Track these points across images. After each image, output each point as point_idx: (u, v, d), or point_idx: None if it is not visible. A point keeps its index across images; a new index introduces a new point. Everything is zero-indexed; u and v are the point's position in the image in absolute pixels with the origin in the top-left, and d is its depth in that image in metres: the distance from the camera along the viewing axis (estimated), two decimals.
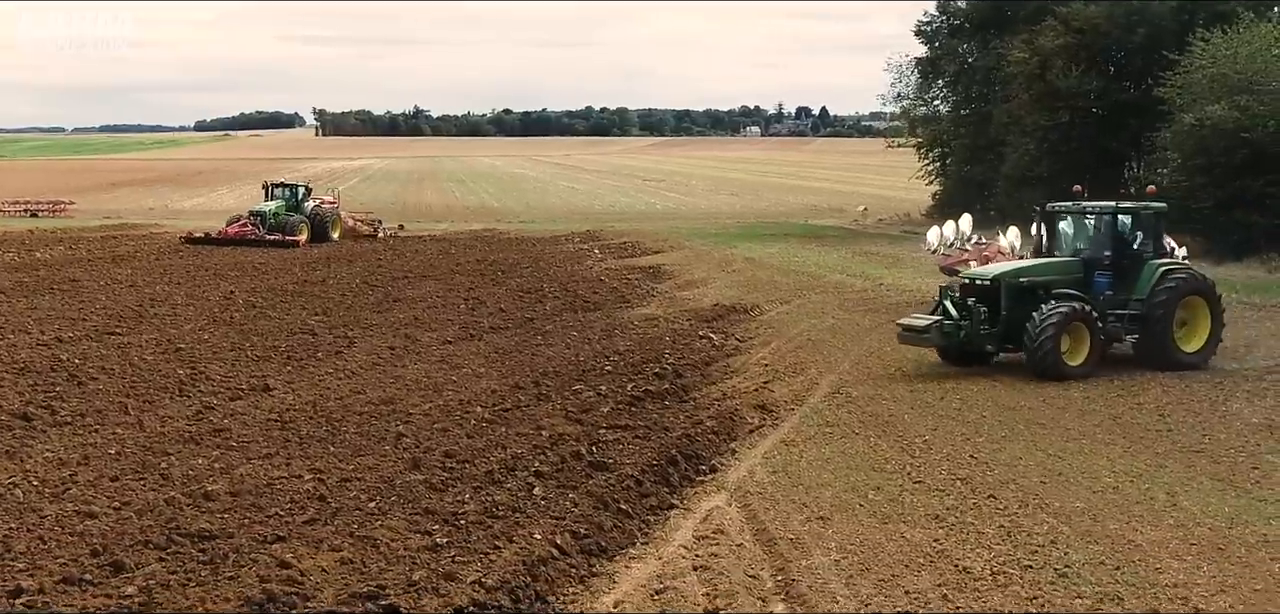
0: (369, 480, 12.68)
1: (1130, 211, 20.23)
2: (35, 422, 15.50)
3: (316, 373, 19.25)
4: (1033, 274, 19.42)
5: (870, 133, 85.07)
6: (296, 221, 44.56)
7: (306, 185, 48.79)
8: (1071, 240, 20.42)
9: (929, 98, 56.35)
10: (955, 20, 53.84)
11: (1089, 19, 44.77)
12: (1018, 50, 46.12)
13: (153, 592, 9.43)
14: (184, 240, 43.81)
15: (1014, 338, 18.72)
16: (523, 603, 9.58)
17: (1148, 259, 19.63)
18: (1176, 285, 19.24)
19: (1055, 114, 44.52)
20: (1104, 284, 19.44)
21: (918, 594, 9.59)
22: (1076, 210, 20.52)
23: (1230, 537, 10.92)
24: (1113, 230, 19.87)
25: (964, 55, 53.21)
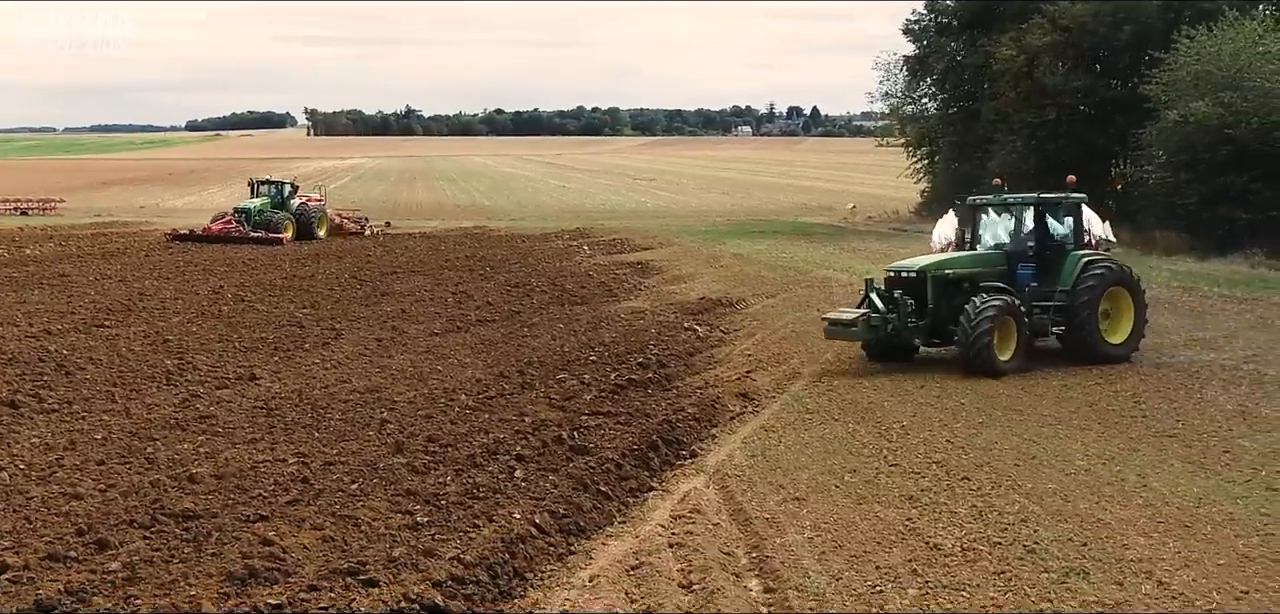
0: (352, 464, 12.84)
1: (1052, 202, 19.95)
2: (22, 409, 15.67)
3: (303, 363, 19.40)
4: (958, 266, 19.13)
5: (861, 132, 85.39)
6: (281, 219, 44.53)
7: (292, 183, 48.64)
8: (994, 232, 20.09)
9: (917, 96, 56.50)
10: (943, 18, 54.01)
11: (1076, 17, 45.00)
12: (1005, 48, 46.31)
13: (137, 567, 9.59)
14: (169, 238, 43.79)
15: (940, 332, 18.55)
16: (501, 579, 9.77)
17: (1070, 250, 19.41)
18: (1100, 276, 18.99)
19: (1042, 111, 44.74)
20: (1028, 276, 19.21)
21: (888, 569, 9.78)
22: (998, 202, 20.35)
23: (1197, 515, 11.13)
24: (1036, 222, 19.61)
25: (952, 53, 53.36)
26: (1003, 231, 20.07)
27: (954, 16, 53.57)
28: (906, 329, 18.36)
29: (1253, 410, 15.57)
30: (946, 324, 18.37)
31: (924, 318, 18.46)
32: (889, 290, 18.67)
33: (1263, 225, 35.08)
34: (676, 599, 9.20)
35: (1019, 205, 20.23)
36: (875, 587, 9.42)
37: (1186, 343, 20.82)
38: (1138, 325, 19.34)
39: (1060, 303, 18.81)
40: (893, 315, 18.24)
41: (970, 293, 18.41)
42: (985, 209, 20.36)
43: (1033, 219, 19.69)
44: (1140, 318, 19.41)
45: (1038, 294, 18.88)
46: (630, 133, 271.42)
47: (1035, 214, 19.69)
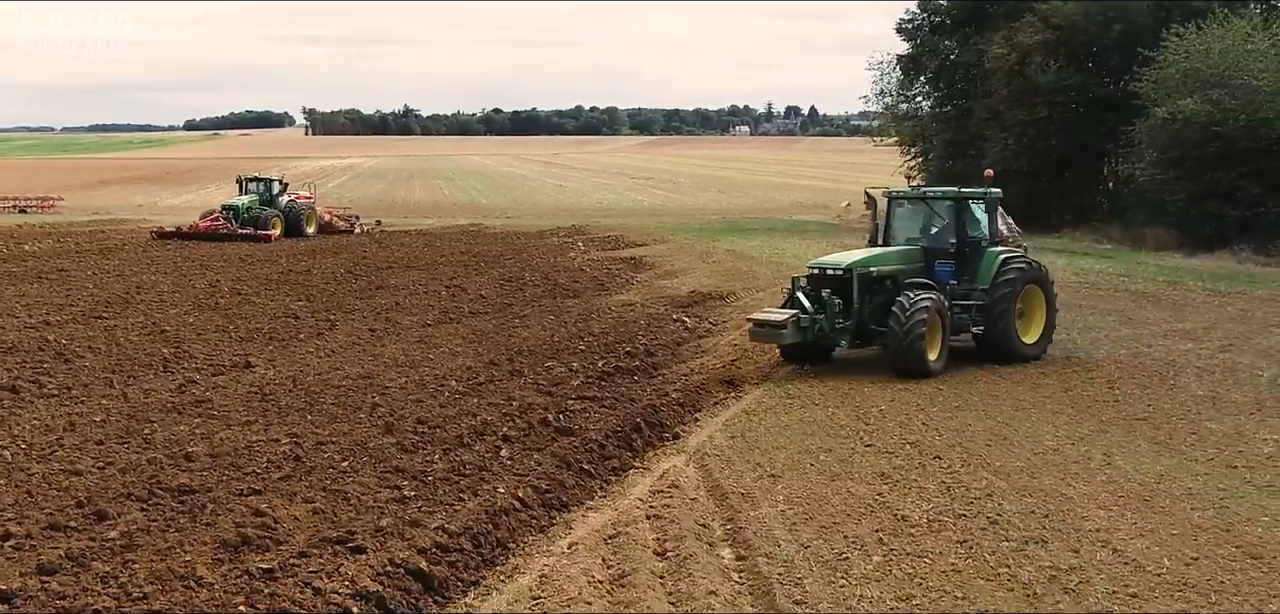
0: (343, 444, 13.28)
1: (970, 197, 19.48)
2: (23, 394, 16.09)
3: (298, 352, 19.82)
4: (881, 264, 18.48)
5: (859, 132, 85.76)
6: (269, 216, 44.60)
7: (281, 180, 48.62)
8: (908, 228, 19.54)
9: (911, 95, 56.92)
10: (936, 17, 54.43)
11: (1067, 16, 45.45)
12: (997, 46, 46.77)
13: (134, 536, 10.04)
14: (155, 235, 43.91)
15: (862, 332, 17.99)
16: (484, 548, 10.22)
17: (986, 247, 18.92)
18: (1018, 274, 18.58)
19: (1034, 109, 45.16)
20: (947, 273, 18.62)
21: (855, 539, 10.23)
22: (916, 196, 19.96)
23: (1157, 490, 11.59)
24: (955, 218, 19.04)
25: (945, 52, 53.80)
26: (916, 227, 19.53)
27: (947, 15, 53.97)
28: (834, 330, 17.67)
29: (1223, 396, 16.03)
30: (869, 324, 17.88)
31: (850, 317, 17.85)
32: (815, 289, 17.96)
33: (1250, 221, 35.56)
34: (650, 565, 9.64)
35: (937, 200, 19.76)
36: (841, 554, 9.86)
37: (1166, 335, 21.25)
38: (1049, 323, 18.99)
39: (979, 301, 18.32)
40: (821, 316, 17.57)
41: (893, 291, 17.94)
42: (900, 202, 19.90)
43: (952, 214, 19.13)
44: (1051, 316, 19.06)
45: (956, 292, 18.36)
46: (628, 132, 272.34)
47: (955, 209, 19.17)
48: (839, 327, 17.70)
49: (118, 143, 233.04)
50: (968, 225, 19.08)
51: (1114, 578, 9.22)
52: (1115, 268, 32.49)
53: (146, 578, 9.03)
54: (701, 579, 9.24)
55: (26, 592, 8.73)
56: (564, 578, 9.39)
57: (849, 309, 17.79)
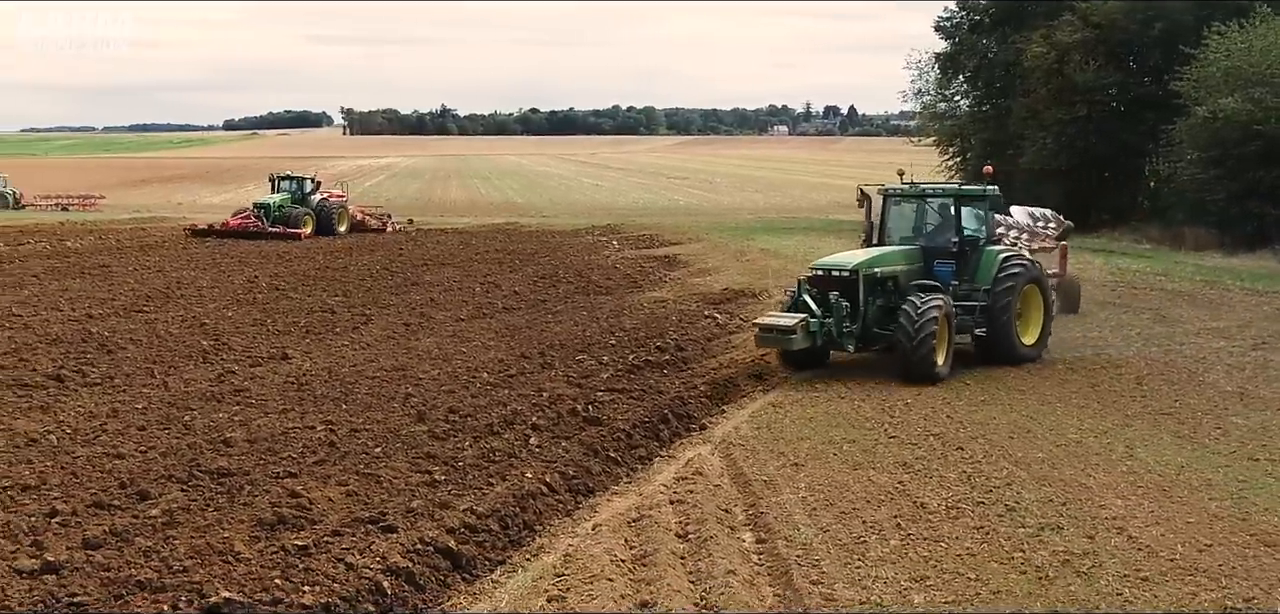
0: (376, 431, 13.70)
1: (970, 195, 19.15)
2: (68, 383, 16.65)
3: (334, 345, 20.30)
4: (885, 264, 17.93)
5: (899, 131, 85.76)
6: (300, 214, 45.11)
7: (314, 178, 49.12)
8: (903, 226, 19.07)
9: (949, 94, 56.89)
10: (975, 16, 54.40)
11: (1107, 14, 45.37)
12: (1036, 45, 46.71)
13: (174, 514, 10.49)
14: (188, 232, 44.67)
15: (867, 335, 17.45)
16: (511, 529, 10.60)
17: (985, 246, 18.55)
18: (1019, 274, 18.17)
19: (1073, 108, 45.13)
20: (946, 273, 18.16)
21: (874, 524, 10.52)
22: (915, 194, 19.21)
23: (1176, 481, 11.79)
24: (955, 216, 18.59)
25: (983, 51, 53.76)
26: (912, 225, 19.08)
27: (986, 13, 53.93)
28: (842, 334, 17.17)
29: (1252, 392, 16.16)
30: (872, 327, 17.41)
31: (856, 320, 17.32)
32: (820, 291, 17.47)
33: None
34: (672, 546, 9.97)
35: (935, 198, 19.32)
36: (859, 538, 10.15)
37: (1199, 332, 21.35)
38: (1046, 324, 18.67)
39: (980, 302, 17.89)
40: (829, 319, 17.12)
41: (895, 293, 17.59)
42: (896, 200, 19.27)
43: (952, 212, 18.71)
44: (1048, 317, 18.74)
45: (957, 293, 17.88)
46: (665, 132, 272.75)
47: (954, 207, 18.74)
48: (847, 330, 17.21)
49: (158, 142, 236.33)
50: (964, 223, 18.61)
51: (1126, 562, 9.45)
52: (1153, 267, 32.47)
53: (186, 553, 9.46)
54: (721, 559, 9.57)
55: (73, 564, 9.19)
56: (587, 557, 9.75)
57: (855, 312, 17.28)
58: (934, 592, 8.91)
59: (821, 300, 17.36)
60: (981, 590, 8.91)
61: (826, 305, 17.24)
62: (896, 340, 16.87)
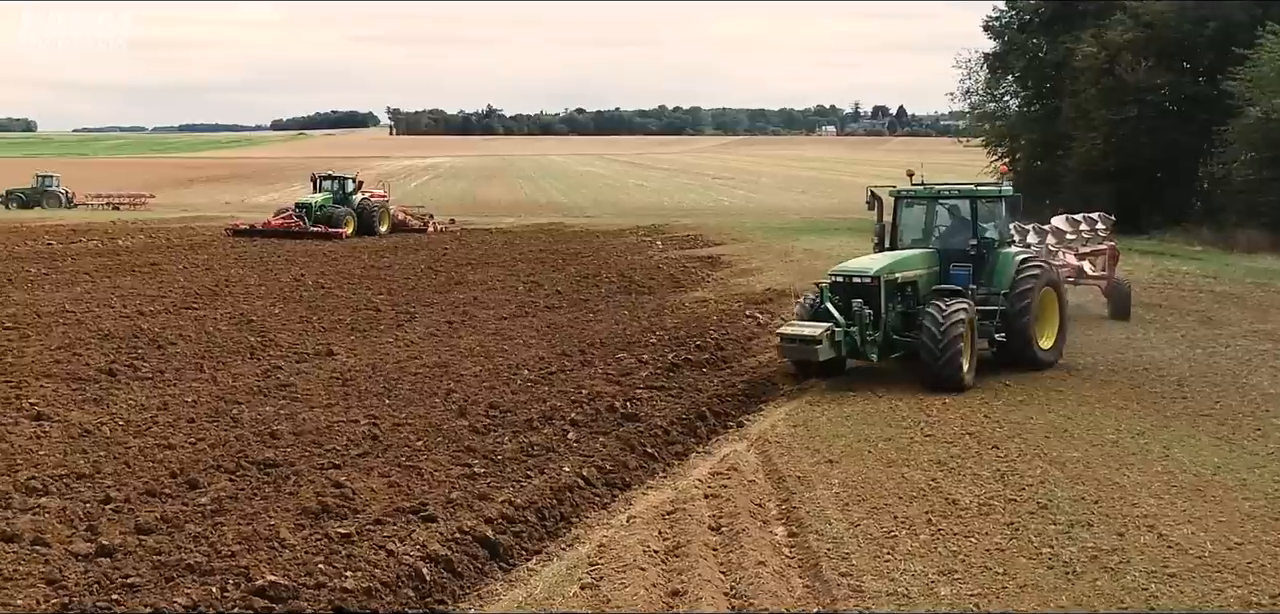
0: (418, 425, 14.08)
1: (986, 196, 18.68)
2: (119, 377, 17.21)
3: (378, 342, 20.76)
4: (905, 269, 17.52)
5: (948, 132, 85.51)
6: (341, 213, 45.70)
7: (355, 178, 49.76)
8: (917, 229, 18.74)
9: (998, 94, 56.67)
10: (1025, 15, 54.16)
11: (1159, 13, 45.11)
12: (1086, 44, 46.47)
13: (223, 502, 10.93)
14: (229, 232, 45.33)
15: (887, 343, 17.09)
16: (548, 520, 10.94)
17: (1000, 248, 18.16)
18: (1037, 276, 17.81)
19: (1123, 108, 44.85)
20: (963, 277, 17.76)
21: (905, 519, 10.73)
22: (928, 195, 18.81)
23: (1211, 481, 11.89)
24: (971, 217, 18.30)
25: (1033, 50, 53.51)
26: (921, 228, 18.73)
27: (1036, 13, 53.68)
28: (866, 343, 16.78)
29: None
30: (891, 335, 17.09)
31: (878, 328, 16.95)
32: (843, 299, 16.98)
33: None
34: (704, 538, 10.25)
35: (951, 199, 18.86)
36: (890, 532, 10.37)
37: (1245, 335, 21.30)
38: (1063, 327, 18.42)
39: (998, 306, 17.50)
40: (853, 328, 16.69)
41: (913, 299, 17.25)
42: (909, 202, 18.87)
43: (968, 214, 18.38)
44: (1064, 320, 18.50)
45: (975, 297, 17.44)
46: (712, 132, 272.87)
47: (970, 208, 18.39)
48: (870, 338, 16.81)
49: (206, 142, 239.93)
50: (980, 226, 18.25)
51: (1154, 559, 9.60)
52: (1202, 269, 32.25)
53: (234, 538, 9.87)
54: (752, 551, 9.83)
55: (126, 548, 9.62)
56: (621, 547, 10.05)
57: (877, 319, 16.89)
58: (960, 585, 9.11)
59: (845, 308, 16.86)
60: (1008, 584, 9.11)
61: (849, 313, 16.79)
62: (921, 348, 16.44)
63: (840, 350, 16.67)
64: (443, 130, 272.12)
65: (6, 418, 14.35)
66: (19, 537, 9.85)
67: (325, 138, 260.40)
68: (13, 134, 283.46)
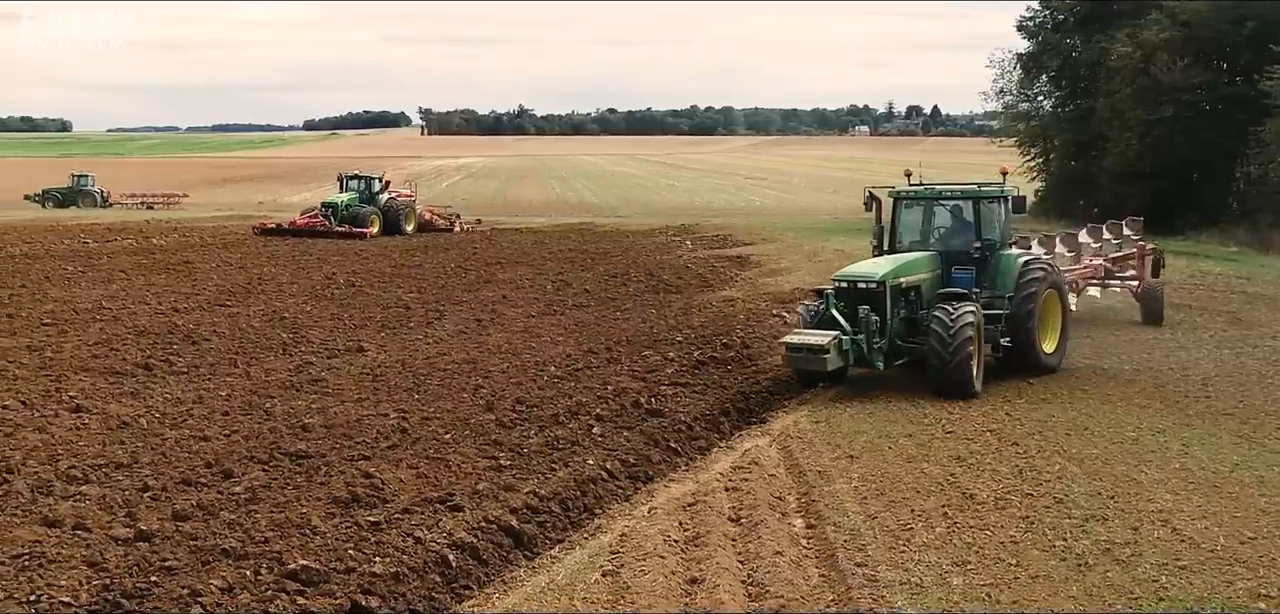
0: (446, 419, 14.45)
1: (988, 196, 18.14)
2: (155, 371, 17.70)
3: (408, 339, 21.17)
4: (910, 273, 17.15)
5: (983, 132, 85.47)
6: (367, 213, 46.11)
7: (381, 177, 50.12)
8: (915, 231, 18.37)
9: (1032, 94, 56.61)
10: (1059, 14, 54.08)
11: (1196, 12, 44.90)
12: (1121, 44, 46.38)
13: (256, 491, 11.32)
14: (256, 231, 45.89)
15: (893, 350, 16.72)
16: (571, 511, 11.28)
17: (1002, 250, 17.89)
18: (1041, 278, 17.53)
19: (1158, 108, 44.72)
20: (965, 281, 17.40)
21: (922, 512, 10.99)
22: (928, 196, 18.48)
23: (1228, 478, 12.07)
24: (974, 218, 17.92)
25: (1067, 50, 53.42)
26: (926, 229, 18.39)
27: (1070, 12, 53.60)
28: (873, 351, 16.39)
29: None
30: (895, 341, 16.73)
31: (884, 335, 16.55)
32: (850, 305, 16.58)
33: None
34: (723, 529, 10.55)
35: (952, 199, 18.52)
36: (906, 525, 10.64)
37: (1275, 335, 21.36)
38: (1065, 331, 18.14)
39: (1002, 310, 17.18)
40: (860, 335, 16.34)
41: (916, 303, 16.95)
42: (908, 202, 18.50)
43: (970, 215, 18.04)
44: (1066, 322, 18.24)
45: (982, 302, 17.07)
46: (744, 132, 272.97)
47: (973, 209, 18.01)
48: (877, 346, 16.43)
49: (239, 142, 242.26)
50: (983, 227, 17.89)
51: (1166, 552, 9.82)
52: (1236, 270, 32.21)
53: (267, 525, 10.26)
54: (769, 542, 10.12)
55: (163, 533, 10.03)
56: (642, 537, 10.37)
57: (883, 325, 16.48)
58: (973, 575, 9.37)
59: (850, 314, 16.46)
60: (1020, 575, 9.35)
61: (854, 320, 16.39)
62: (929, 354, 16.07)
63: (847, 359, 16.35)
64: (474, 130, 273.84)
65: (47, 410, 14.85)
66: (61, 522, 10.28)
67: (357, 137, 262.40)
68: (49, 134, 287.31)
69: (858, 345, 16.31)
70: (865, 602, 8.82)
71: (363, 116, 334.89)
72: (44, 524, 10.24)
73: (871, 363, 16.54)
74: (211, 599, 8.58)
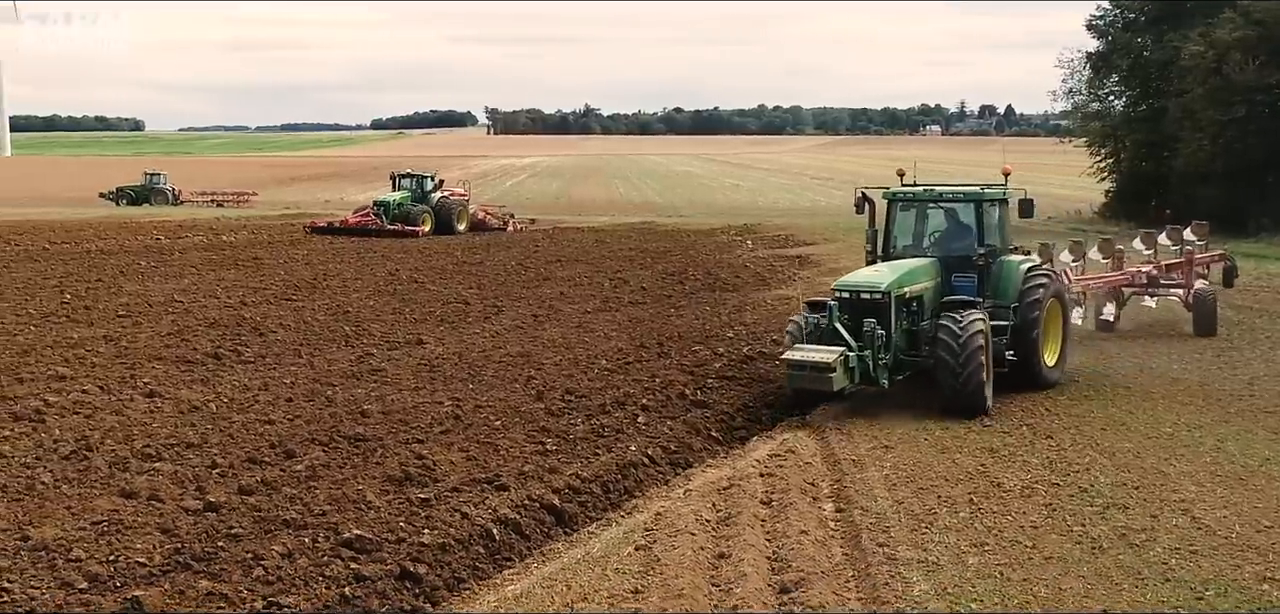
0: (498, 408, 15.25)
1: (991, 199, 17.16)
2: (225, 360, 18.74)
3: (465, 333, 22.04)
4: (913, 282, 16.16)
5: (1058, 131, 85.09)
6: (418, 212, 46.97)
7: (433, 177, 50.80)
8: (911, 235, 17.46)
9: (1102, 93, 56.33)
10: (1130, 14, 53.80)
11: (1270, 11, 44.50)
12: (1193, 43, 46.11)
13: (316, 470, 12.21)
14: (307, 229, 46.81)
15: (896, 364, 15.77)
16: (612, 493, 12.04)
17: (1003, 257, 17.03)
18: (1045, 286, 16.67)
19: (1231, 108, 44.43)
20: (967, 288, 16.48)
21: (948, 499, 11.56)
22: (926, 197, 17.46)
23: (1257, 471, 12.48)
24: (977, 222, 16.91)
25: (1138, 49, 53.13)
26: (922, 233, 17.49)
27: (1141, 11, 53.30)
28: (878, 366, 15.34)
29: None
30: (897, 354, 15.79)
31: (889, 349, 15.57)
32: (853, 318, 15.51)
33: None
34: (754, 510, 11.21)
35: (953, 201, 17.52)
36: (931, 510, 11.22)
37: None
38: (1066, 341, 17.42)
39: (1006, 320, 16.28)
40: (866, 351, 15.26)
41: (919, 314, 16.01)
42: (906, 205, 17.54)
43: (971, 218, 17.10)
44: (1067, 333, 17.52)
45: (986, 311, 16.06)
46: (812, 132, 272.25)
47: (976, 212, 17.01)
48: (882, 362, 15.40)
49: (307, 141, 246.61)
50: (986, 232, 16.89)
51: (1181, 538, 10.30)
52: None
53: (325, 500, 11.11)
54: (796, 522, 10.76)
55: (230, 505, 10.92)
56: (676, 516, 11.06)
57: (888, 339, 15.52)
58: (989, 556, 9.93)
59: (851, 328, 15.38)
60: (1034, 556, 9.90)
61: (857, 333, 15.32)
62: (938, 367, 15.10)
63: (853, 377, 15.14)
64: (540, 130, 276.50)
65: (123, 395, 15.90)
66: (137, 494, 11.21)
67: (424, 137, 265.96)
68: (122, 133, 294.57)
69: (864, 362, 15.21)
70: (882, 577, 9.41)
71: (429, 116, 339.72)
72: (121, 495, 11.19)
73: (876, 380, 15.45)
74: (272, 563, 9.41)
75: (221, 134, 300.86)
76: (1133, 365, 18.76)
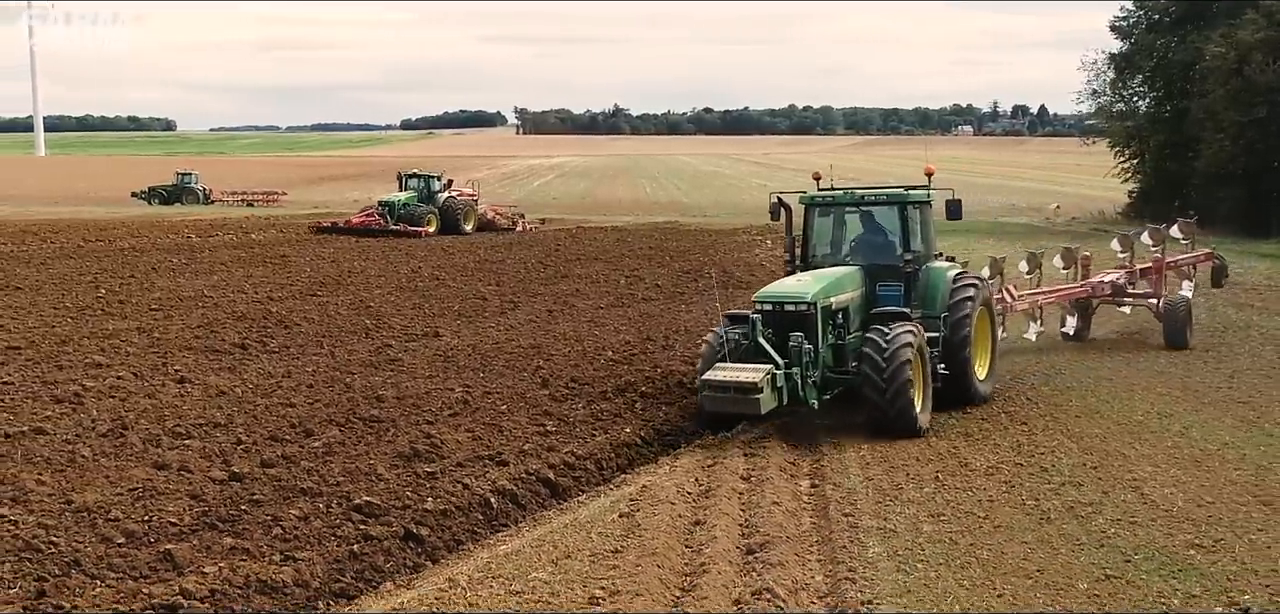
0: (505, 394, 16.37)
1: (916, 201, 16.27)
2: (251, 350, 19.98)
3: (481, 326, 23.19)
4: (839, 292, 15.23)
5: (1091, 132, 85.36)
6: (423, 212, 47.82)
7: (441, 177, 51.52)
8: (828, 241, 16.72)
9: (1126, 94, 56.90)
10: (1154, 15, 54.37)
11: None
12: (1216, 44, 46.70)
13: (332, 447, 13.37)
14: (313, 229, 47.73)
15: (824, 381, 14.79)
16: (605, 469, 13.10)
17: (928, 263, 16.30)
18: (974, 295, 15.87)
19: (1252, 109, 44.99)
20: (893, 298, 15.71)
21: (916, 476, 12.57)
22: (847, 201, 16.64)
23: (1213, 455, 13.40)
24: (902, 227, 16.06)
25: (1161, 50, 53.71)
26: (842, 239, 16.76)
27: (1165, 13, 53.87)
28: (806, 385, 14.37)
29: None
30: (825, 370, 14.83)
31: (817, 365, 14.60)
32: (777, 332, 14.59)
33: None
34: (732, 483, 12.27)
35: (875, 205, 16.66)
36: (898, 486, 12.24)
37: None
38: (994, 353, 16.83)
39: (940, 332, 15.52)
40: (794, 368, 14.30)
41: (845, 327, 15.13)
42: (822, 209, 16.67)
43: (896, 223, 16.19)
44: (995, 343, 16.93)
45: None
46: (843, 132, 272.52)
47: (900, 215, 16.17)
48: (811, 380, 14.46)
49: (337, 141, 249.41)
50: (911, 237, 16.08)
51: (1124, 511, 11.25)
52: None
53: (340, 472, 12.25)
54: (770, 494, 11.80)
55: (253, 475, 12.08)
56: (660, 488, 12.13)
57: (816, 354, 14.60)
58: (943, 524, 10.93)
59: (776, 343, 14.51)
60: (985, 525, 10.89)
61: (783, 349, 14.42)
62: (865, 384, 14.26)
63: (782, 398, 14.19)
64: (569, 130, 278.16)
65: (156, 381, 17.14)
66: (168, 466, 12.40)
67: (453, 137, 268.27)
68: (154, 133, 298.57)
69: (792, 379, 14.25)
70: (842, 542, 10.44)
71: (459, 116, 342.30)
72: (154, 467, 12.37)
73: (805, 399, 14.46)
74: (290, 524, 10.54)
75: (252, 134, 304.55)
76: (1119, 360, 19.65)
